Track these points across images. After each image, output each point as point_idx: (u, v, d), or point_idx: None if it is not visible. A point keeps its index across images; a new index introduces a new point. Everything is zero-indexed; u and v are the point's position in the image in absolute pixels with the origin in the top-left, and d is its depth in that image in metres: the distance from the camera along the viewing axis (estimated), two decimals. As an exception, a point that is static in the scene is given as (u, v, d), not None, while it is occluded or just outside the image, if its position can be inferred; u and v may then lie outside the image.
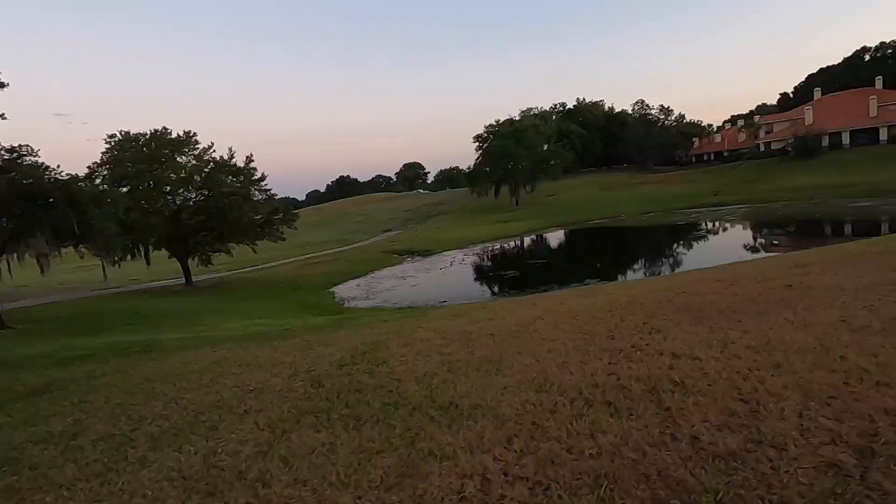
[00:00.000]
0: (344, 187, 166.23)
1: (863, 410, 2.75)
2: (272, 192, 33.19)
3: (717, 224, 39.82)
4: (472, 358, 4.59)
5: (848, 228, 31.45)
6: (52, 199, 17.90)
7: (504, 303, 11.14)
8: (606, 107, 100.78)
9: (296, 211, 37.21)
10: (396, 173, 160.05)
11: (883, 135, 57.14)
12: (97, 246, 21.46)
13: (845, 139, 59.37)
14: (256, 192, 32.64)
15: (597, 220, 51.96)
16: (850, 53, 75.02)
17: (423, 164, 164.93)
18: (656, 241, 37.47)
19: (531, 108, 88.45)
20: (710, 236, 34.63)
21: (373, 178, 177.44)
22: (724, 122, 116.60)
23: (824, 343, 3.77)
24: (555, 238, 44.67)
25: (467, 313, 8.37)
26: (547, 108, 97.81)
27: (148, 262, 29.81)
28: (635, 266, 27.36)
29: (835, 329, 4.08)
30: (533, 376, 3.85)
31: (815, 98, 70.29)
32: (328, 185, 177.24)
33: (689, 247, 31.90)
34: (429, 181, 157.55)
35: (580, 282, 23.35)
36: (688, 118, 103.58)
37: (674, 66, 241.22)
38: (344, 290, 28.83)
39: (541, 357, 4.30)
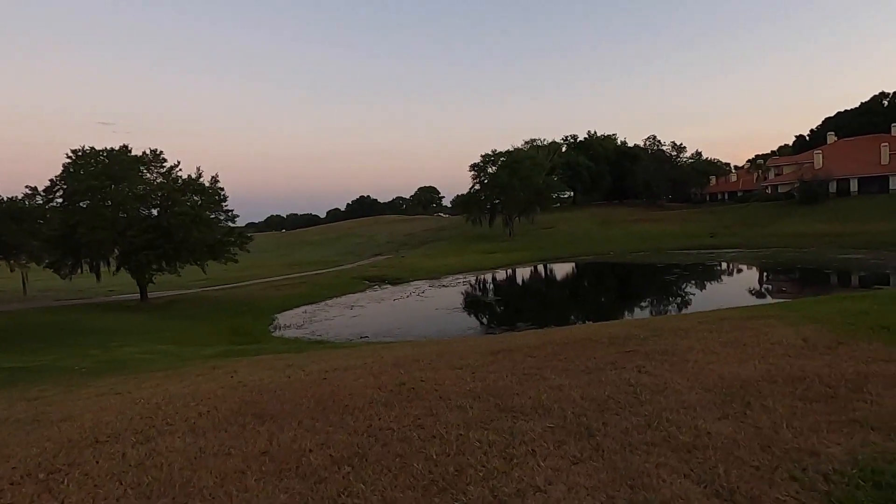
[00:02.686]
0: (364, 207, 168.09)
1: None
2: (233, 212, 33.29)
3: (692, 269, 38.06)
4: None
5: (805, 280, 29.77)
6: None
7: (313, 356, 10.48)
8: (619, 141, 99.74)
9: (309, 227, 37.34)
10: (411, 196, 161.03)
11: (893, 184, 54.52)
12: (24, 259, 21.61)
13: (853, 186, 56.94)
14: (221, 213, 32.85)
15: (583, 256, 50.75)
16: (867, 98, 72.61)
17: (442, 188, 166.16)
18: (621, 284, 36.54)
19: (535, 139, 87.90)
20: (676, 282, 33.09)
21: (392, 200, 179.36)
22: (747, 161, 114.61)
23: (220, 490, 3.12)
24: (529, 273, 43.65)
25: (202, 374, 7.79)
26: (559, 139, 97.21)
27: (98, 277, 30.03)
28: (576, 313, 26.23)
29: (271, 464, 3.40)
30: None
31: (828, 142, 68.08)
32: (348, 204, 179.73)
33: (644, 293, 31.23)
34: (445, 205, 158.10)
35: (511, 327, 22.65)
36: (714, 156, 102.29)
37: (700, 103, 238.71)
38: (287, 317, 28.47)
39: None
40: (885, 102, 69.84)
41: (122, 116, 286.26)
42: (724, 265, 39.02)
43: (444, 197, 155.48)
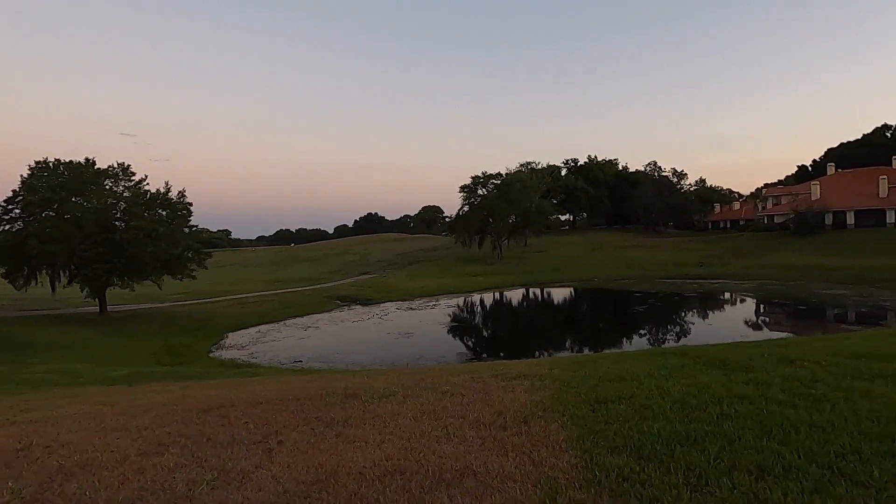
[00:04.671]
0: (370, 224, 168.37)
1: None
2: (197, 227, 33.12)
3: (668, 300, 36.79)
4: None
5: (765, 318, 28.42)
6: None
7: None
8: (620, 166, 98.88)
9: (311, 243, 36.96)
10: (415, 215, 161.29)
11: (890, 217, 52.96)
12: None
13: (850, 219, 55.38)
14: (185, 228, 32.62)
15: (568, 282, 49.77)
16: (870, 130, 71.13)
17: (449, 207, 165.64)
18: (583, 314, 35.64)
19: (530, 162, 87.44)
20: (640, 314, 31.89)
21: (400, 218, 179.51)
22: (756, 188, 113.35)
23: None
24: (503, 298, 42.68)
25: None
26: (559, 162, 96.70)
27: (53, 289, 29.81)
28: (520, 345, 25.25)
29: None
30: None
31: (828, 173, 66.71)
32: (356, 220, 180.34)
33: (596, 325, 30.41)
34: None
35: (456, 358, 21.85)
36: (726, 184, 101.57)
37: (711, 131, 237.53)
38: (237, 336, 27.97)
39: None
40: (888, 135, 68.37)
41: (143, 128, 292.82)
42: (700, 298, 37.72)
43: (447, 216, 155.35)
